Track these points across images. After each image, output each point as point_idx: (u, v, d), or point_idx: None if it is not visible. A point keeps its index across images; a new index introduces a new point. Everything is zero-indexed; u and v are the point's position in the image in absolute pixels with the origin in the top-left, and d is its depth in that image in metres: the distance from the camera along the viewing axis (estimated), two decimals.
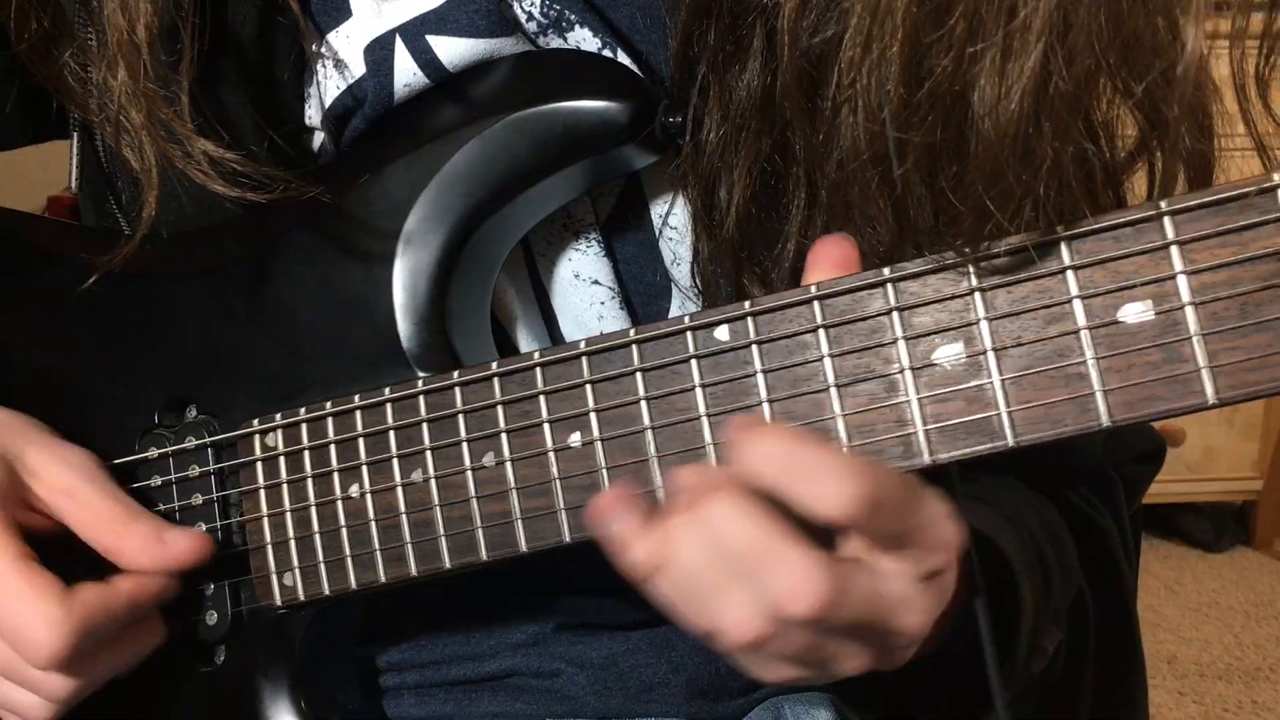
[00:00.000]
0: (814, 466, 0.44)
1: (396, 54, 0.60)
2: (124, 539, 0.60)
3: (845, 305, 0.49)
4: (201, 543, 0.61)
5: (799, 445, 0.44)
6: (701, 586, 0.46)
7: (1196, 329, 0.44)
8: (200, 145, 0.59)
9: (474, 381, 0.56)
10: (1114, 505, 0.75)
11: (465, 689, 0.70)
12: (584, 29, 0.60)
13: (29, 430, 0.63)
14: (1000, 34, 0.44)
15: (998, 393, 0.47)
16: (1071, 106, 0.44)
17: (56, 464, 0.61)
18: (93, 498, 0.61)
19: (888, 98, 0.47)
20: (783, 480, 0.44)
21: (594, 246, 0.64)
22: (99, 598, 0.57)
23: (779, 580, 0.44)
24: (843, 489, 0.43)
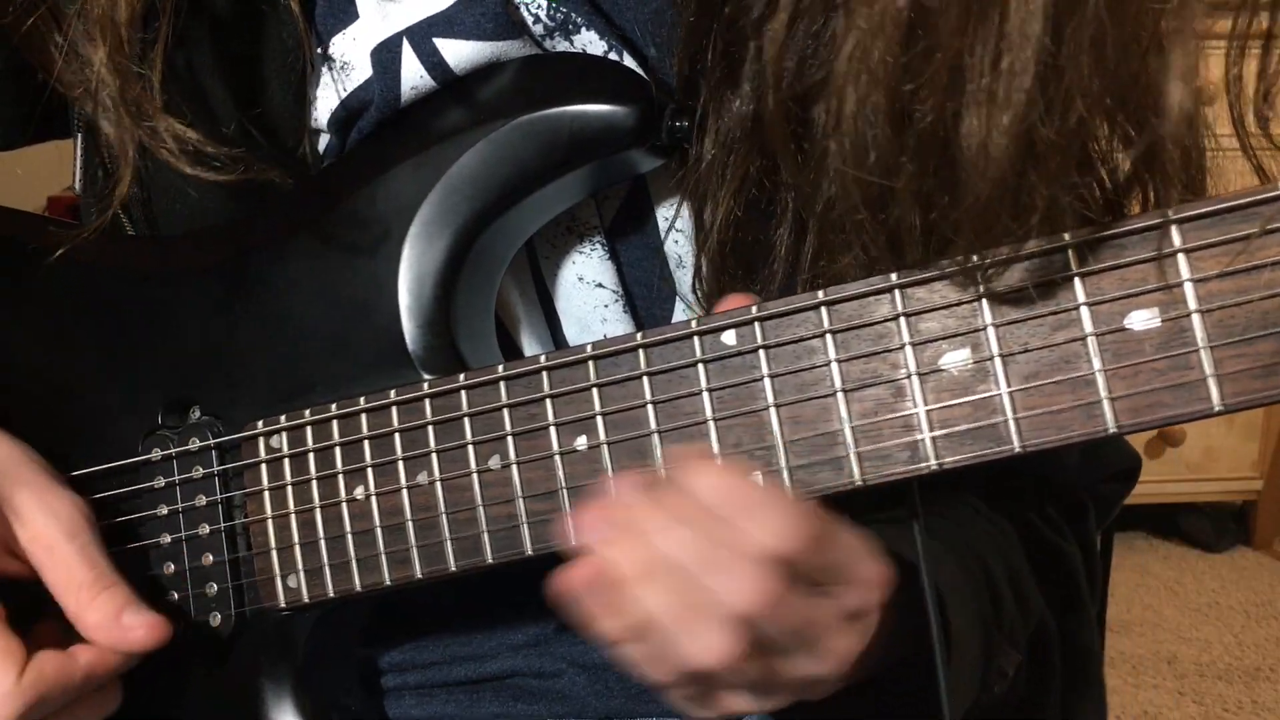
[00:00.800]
0: (759, 501, 0.46)
1: (403, 57, 0.60)
2: (85, 610, 0.59)
3: (852, 310, 0.50)
4: (158, 629, 0.60)
5: (742, 481, 0.47)
6: (666, 624, 0.47)
7: (1203, 336, 0.44)
8: (166, 124, 0.59)
9: (480, 384, 0.56)
10: (1083, 530, 0.75)
11: (467, 690, 0.70)
12: (590, 31, 0.60)
13: (24, 470, 0.62)
14: (984, 83, 0.44)
15: (1004, 398, 0.47)
16: (1062, 154, 0.44)
17: (43, 514, 0.60)
18: (68, 559, 0.60)
19: (874, 142, 0.47)
20: (728, 512, 0.47)
21: (598, 250, 0.64)
22: (55, 670, 0.57)
23: (726, 584, 0.46)
24: (786, 523, 0.46)
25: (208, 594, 0.63)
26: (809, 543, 0.46)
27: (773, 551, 0.46)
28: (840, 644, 0.50)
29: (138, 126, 0.59)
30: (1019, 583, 0.67)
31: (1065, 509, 0.75)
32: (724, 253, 0.57)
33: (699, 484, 0.48)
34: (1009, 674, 0.63)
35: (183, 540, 0.64)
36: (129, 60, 0.59)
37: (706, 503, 0.48)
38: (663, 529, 0.48)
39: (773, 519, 0.46)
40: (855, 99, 0.46)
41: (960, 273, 0.47)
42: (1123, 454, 0.78)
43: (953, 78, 0.45)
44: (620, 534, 0.48)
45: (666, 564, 0.47)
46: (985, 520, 0.69)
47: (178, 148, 0.59)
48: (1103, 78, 0.44)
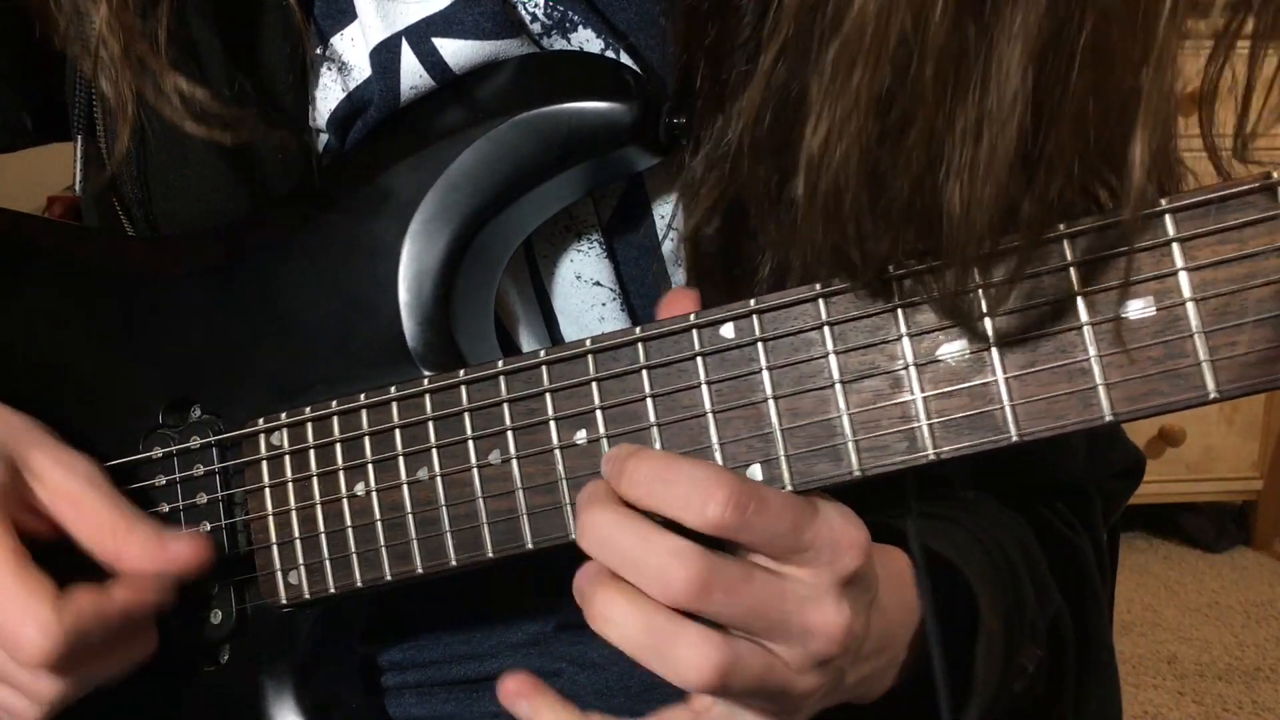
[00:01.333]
0: (681, 478, 0.48)
1: (403, 57, 0.60)
2: (125, 544, 0.60)
3: (849, 302, 0.50)
4: (202, 547, 0.60)
5: (665, 461, 0.49)
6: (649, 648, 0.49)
7: (1197, 324, 0.44)
8: (172, 80, 0.59)
9: (480, 380, 0.56)
10: (1091, 522, 0.75)
11: (466, 688, 0.70)
12: (587, 30, 0.60)
13: (34, 432, 0.62)
14: (965, 155, 0.44)
15: (1001, 388, 0.47)
16: (1042, 221, 0.45)
17: (60, 469, 0.61)
18: (96, 504, 0.60)
19: (848, 211, 0.46)
20: (654, 493, 0.48)
21: (596, 248, 0.64)
22: (93, 603, 0.57)
23: (679, 660, 0.48)
24: (710, 495, 0.47)
25: (209, 591, 0.64)
26: (733, 514, 0.47)
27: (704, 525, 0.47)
28: (827, 617, 0.49)
29: (141, 83, 0.59)
30: (1038, 576, 0.67)
31: (1073, 504, 0.75)
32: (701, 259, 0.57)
33: (630, 477, 0.49)
34: (1029, 670, 0.63)
35: None
36: (133, 15, 0.59)
37: (640, 496, 0.49)
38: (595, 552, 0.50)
39: (700, 495, 0.47)
40: (830, 168, 0.46)
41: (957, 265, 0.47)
42: (1126, 451, 0.79)
43: (930, 150, 0.44)
44: None
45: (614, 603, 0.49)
46: (1003, 514, 0.69)
47: (181, 104, 0.59)
48: (1082, 145, 0.44)
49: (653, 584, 0.48)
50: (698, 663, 0.47)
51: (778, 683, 0.50)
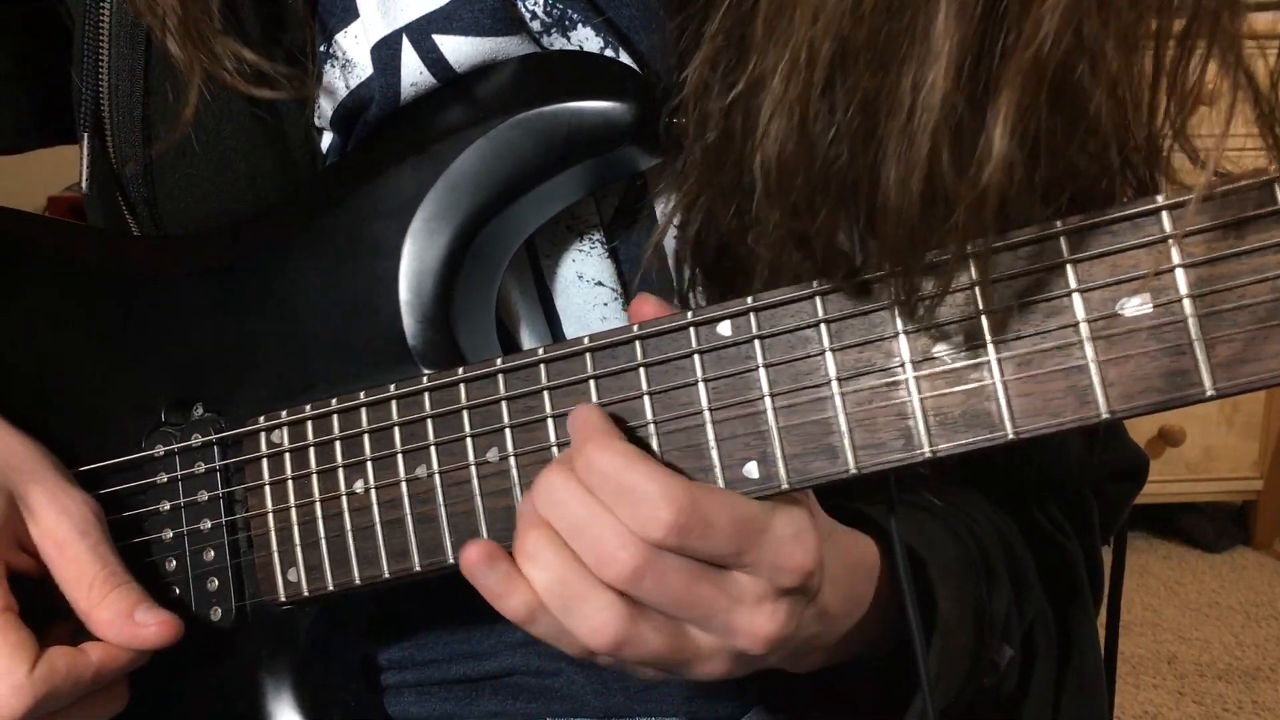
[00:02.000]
0: (633, 488, 0.49)
1: (403, 53, 0.60)
2: (97, 608, 0.60)
3: (846, 300, 0.50)
4: (170, 627, 0.60)
5: (622, 463, 0.49)
6: (567, 594, 0.50)
7: (1194, 322, 0.44)
8: (224, 44, 0.60)
9: (478, 378, 0.57)
10: (1086, 528, 0.75)
11: (465, 687, 0.71)
12: (586, 28, 0.60)
13: (37, 466, 0.62)
14: (895, 127, 0.44)
15: (997, 385, 0.47)
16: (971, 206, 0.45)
17: (55, 510, 0.61)
18: (80, 556, 0.60)
19: (793, 182, 0.47)
20: (604, 492, 0.49)
21: (597, 248, 0.64)
22: (66, 665, 0.58)
23: (597, 547, 0.49)
24: (653, 516, 0.48)
25: (209, 589, 0.64)
26: (674, 538, 0.48)
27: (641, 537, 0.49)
28: (756, 622, 0.51)
29: (200, 49, 0.60)
30: (1020, 575, 0.67)
31: (1068, 507, 0.75)
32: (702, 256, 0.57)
33: (593, 467, 0.50)
34: (1000, 666, 0.63)
35: (184, 535, 0.64)
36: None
37: (589, 484, 0.50)
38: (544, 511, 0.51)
39: (637, 510, 0.48)
40: (774, 135, 0.47)
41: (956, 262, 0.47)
42: (1127, 453, 0.78)
43: (866, 120, 0.45)
44: None
45: (544, 546, 0.51)
46: (990, 512, 0.69)
47: (236, 68, 0.61)
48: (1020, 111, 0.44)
49: (588, 555, 0.49)
50: (596, 626, 0.50)
51: (679, 661, 0.52)
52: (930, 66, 0.43)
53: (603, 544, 0.49)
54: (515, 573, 0.52)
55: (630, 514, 0.49)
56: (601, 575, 0.49)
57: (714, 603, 0.50)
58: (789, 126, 0.46)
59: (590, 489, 0.50)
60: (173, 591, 0.64)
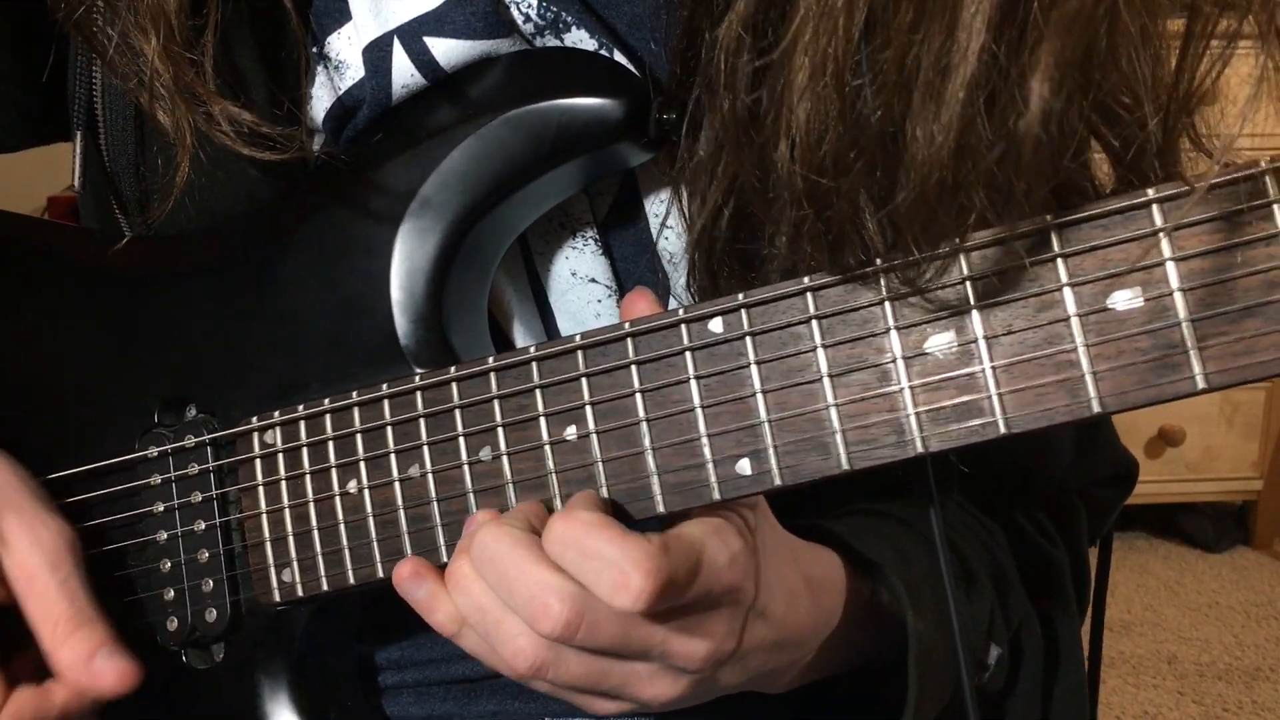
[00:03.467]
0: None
1: (394, 55, 0.60)
2: (59, 646, 0.59)
3: (838, 296, 0.50)
4: (128, 676, 0.59)
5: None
6: (486, 623, 0.51)
7: (1185, 315, 0.44)
8: (221, 107, 0.60)
9: (470, 376, 0.56)
10: (1072, 533, 0.75)
11: (463, 687, 0.70)
12: (581, 30, 0.60)
13: (15, 492, 0.62)
14: (929, 79, 0.44)
15: (989, 380, 0.47)
16: (1000, 156, 0.45)
17: (28, 541, 0.60)
18: (48, 591, 0.60)
19: (824, 137, 0.47)
20: (580, 569, 0.49)
21: (591, 245, 0.64)
22: (32, 706, 0.58)
23: (529, 600, 0.49)
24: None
25: (203, 589, 0.64)
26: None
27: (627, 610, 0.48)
28: (656, 691, 0.52)
29: (193, 112, 0.60)
30: (1002, 579, 0.67)
31: (1055, 512, 0.75)
32: (714, 249, 0.57)
33: (561, 538, 0.50)
34: (989, 666, 0.63)
35: (178, 537, 0.64)
36: (181, 48, 0.59)
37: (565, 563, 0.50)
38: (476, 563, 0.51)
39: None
40: (807, 92, 0.47)
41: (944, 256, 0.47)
42: (1117, 458, 0.78)
43: (901, 73, 0.45)
44: None
45: (467, 574, 0.51)
46: (971, 518, 0.69)
47: (233, 130, 0.60)
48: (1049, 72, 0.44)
49: (521, 613, 0.50)
50: (518, 649, 0.50)
51: (610, 688, 0.52)
52: (968, 17, 0.43)
53: (512, 637, 0.50)
54: (441, 589, 0.53)
55: (523, 608, 0.49)
56: (536, 628, 0.49)
57: (613, 680, 0.51)
58: (823, 79, 0.46)
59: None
60: (167, 592, 0.64)
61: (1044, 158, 0.44)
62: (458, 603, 0.52)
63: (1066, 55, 0.43)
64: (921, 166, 0.45)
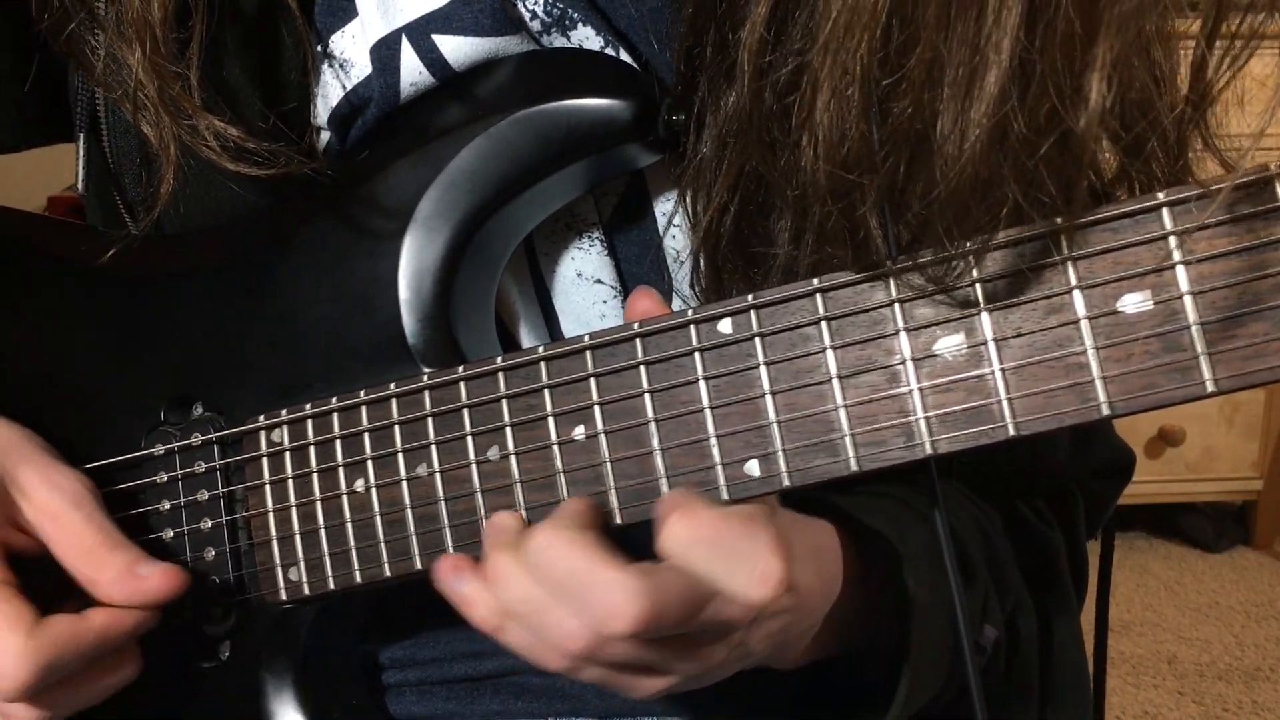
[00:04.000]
0: (742, 552, 0.48)
1: (403, 53, 0.60)
2: (99, 570, 0.60)
3: (847, 298, 0.50)
4: (174, 578, 0.60)
5: (546, 585, 0.49)
6: (535, 615, 0.50)
7: (1195, 318, 0.44)
8: (206, 121, 0.59)
9: (478, 376, 0.57)
10: (1069, 520, 0.75)
11: (467, 686, 0.70)
12: (587, 27, 0.60)
13: (25, 447, 0.62)
14: (960, 75, 0.44)
15: (998, 382, 0.47)
16: (1033, 147, 0.45)
17: (47, 486, 0.61)
18: (76, 525, 0.60)
19: (848, 134, 0.47)
20: (714, 567, 0.48)
21: (596, 246, 0.64)
22: (69, 631, 0.57)
23: (600, 601, 0.48)
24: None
25: (209, 588, 0.64)
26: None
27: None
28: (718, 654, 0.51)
29: (178, 125, 0.60)
30: (996, 562, 0.67)
31: (1054, 502, 0.75)
32: (720, 247, 0.57)
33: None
34: (986, 648, 0.63)
35: (185, 535, 0.64)
36: (165, 60, 0.59)
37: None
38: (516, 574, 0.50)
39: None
40: (831, 90, 0.47)
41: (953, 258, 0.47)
42: (1114, 450, 0.78)
43: (930, 72, 0.45)
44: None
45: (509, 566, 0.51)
46: (968, 501, 0.69)
47: (218, 145, 0.60)
48: (1070, 69, 0.44)
49: (600, 610, 0.49)
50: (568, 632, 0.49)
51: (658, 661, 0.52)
52: (999, 13, 0.43)
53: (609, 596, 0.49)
54: (482, 584, 0.52)
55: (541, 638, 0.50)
56: (615, 629, 0.48)
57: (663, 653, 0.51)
58: (850, 79, 0.46)
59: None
60: None
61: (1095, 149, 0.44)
62: (501, 597, 0.51)
63: (1123, 52, 0.43)
64: (954, 162, 0.45)
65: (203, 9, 0.60)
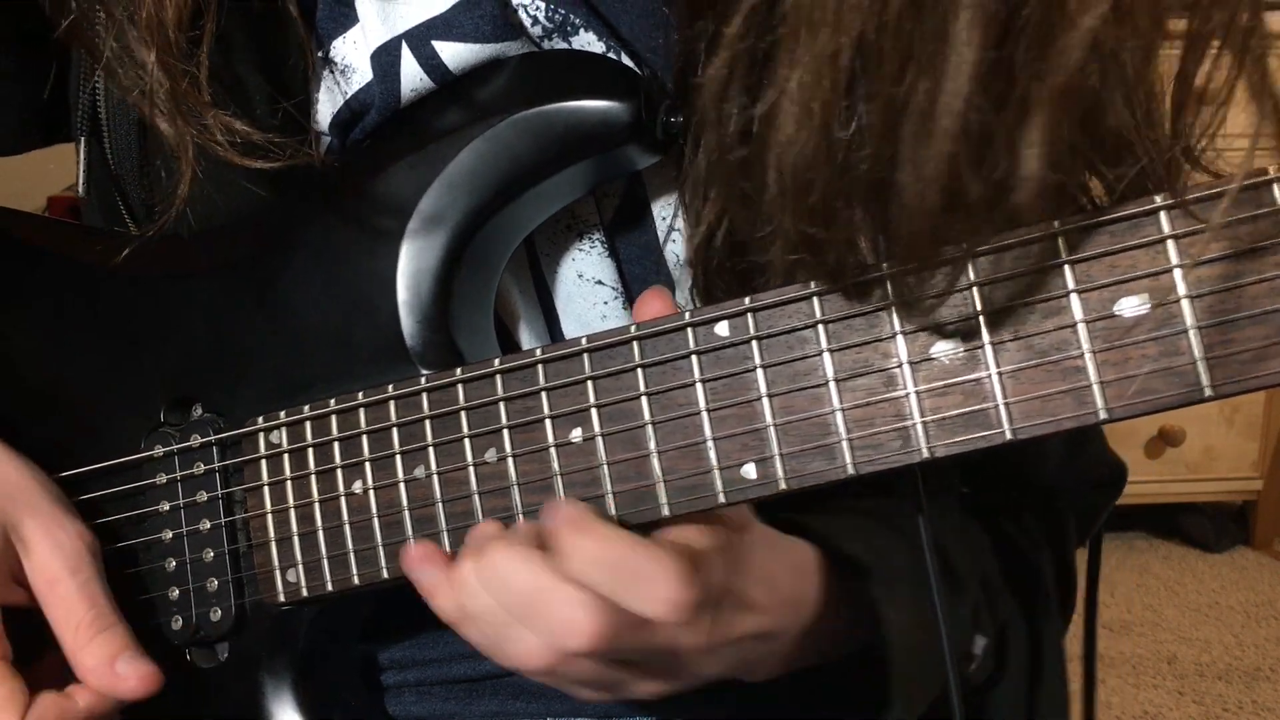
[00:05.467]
0: (642, 574, 0.49)
1: (403, 60, 0.60)
2: (81, 651, 0.60)
3: (844, 301, 0.50)
4: (150, 680, 0.60)
5: (628, 551, 0.49)
6: (495, 626, 0.51)
7: (1192, 322, 0.44)
8: (215, 117, 0.60)
9: (476, 378, 0.57)
10: (1060, 539, 0.75)
11: (466, 687, 0.71)
12: (589, 33, 0.60)
13: (33, 496, 0.62)
14: (915, 129, 0.44)
15: (995, 386, 0.47)
16: (986, 205, 0.45)
17: (49, 545, 0.61)
18: (69, 595, 0.60)
19: (811, 185, 0.47)
20: (614, 588, 0.49)
21: (597, 247, 0.64)
22: (56, 714, 0.58)
23: (556, 619, 0.49)
24: (670, 593, 0.48)
25: (208, 589, 0.64)
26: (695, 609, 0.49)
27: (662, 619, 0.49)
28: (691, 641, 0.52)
29: (190, 123, 0.60)
30: (986, 575, 0.67)
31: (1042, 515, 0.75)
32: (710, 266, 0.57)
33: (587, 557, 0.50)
34: (976, 656, 0.63)
35: (184, 536, 0.64)
36: (177, 60, 0.59)
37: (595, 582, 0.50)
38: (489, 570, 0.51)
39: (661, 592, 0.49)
40: (793, 139, 0.47)
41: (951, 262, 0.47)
42: (1105, 462, 0.78)
43: (886, 125, 0.45)
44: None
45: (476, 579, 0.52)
46: (957, 517, 0.69)
47: (227, 140, 0.60)
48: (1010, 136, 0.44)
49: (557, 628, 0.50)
50: (526, 650, 0.51)
51: (611, 683, 0.53)
52: (952, 70, 0.43)
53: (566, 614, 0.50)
54: (446, 580, 0.53)
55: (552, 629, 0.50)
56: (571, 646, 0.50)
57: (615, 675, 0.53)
58: (810, 128, 0.46)
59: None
60: (171, 592, 0.64)
61: (1041, 206, 0.44)
62: (464, 603, 0.52)
63: (1058, 128, 0.43)
64: (913, 214, 0.45)
65: (214, 9, 0.60)
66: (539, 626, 0.50)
